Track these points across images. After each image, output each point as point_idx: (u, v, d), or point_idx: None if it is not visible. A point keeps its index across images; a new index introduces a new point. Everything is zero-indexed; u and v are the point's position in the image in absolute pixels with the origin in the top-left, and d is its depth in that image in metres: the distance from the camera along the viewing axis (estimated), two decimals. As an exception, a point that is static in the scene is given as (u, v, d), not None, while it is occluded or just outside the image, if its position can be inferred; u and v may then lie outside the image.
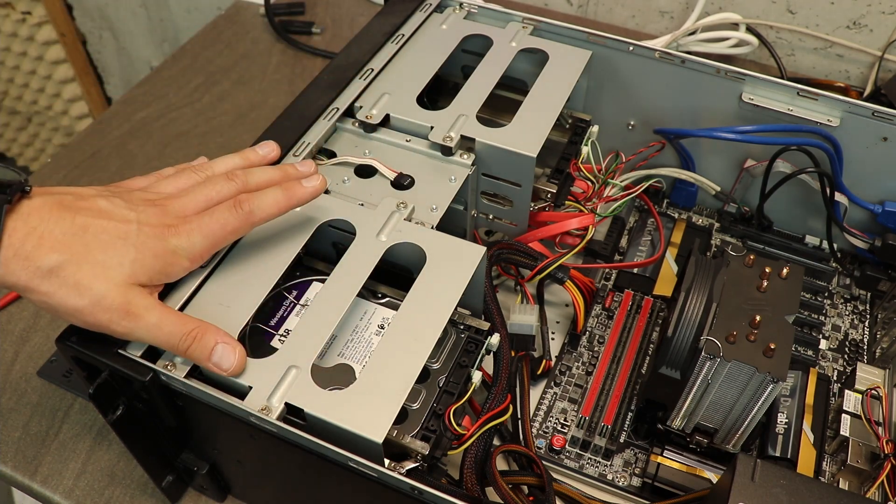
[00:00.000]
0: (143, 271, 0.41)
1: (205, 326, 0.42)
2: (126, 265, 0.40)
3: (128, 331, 0.41)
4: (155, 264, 0.42)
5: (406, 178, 0.53)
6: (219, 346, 0.41)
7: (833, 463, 0.54)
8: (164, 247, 0.42)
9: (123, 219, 0.42)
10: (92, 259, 0.40)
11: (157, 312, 0.41)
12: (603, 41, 0.63)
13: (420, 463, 0.43)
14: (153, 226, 0.42)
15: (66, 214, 0.40)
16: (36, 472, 0.55)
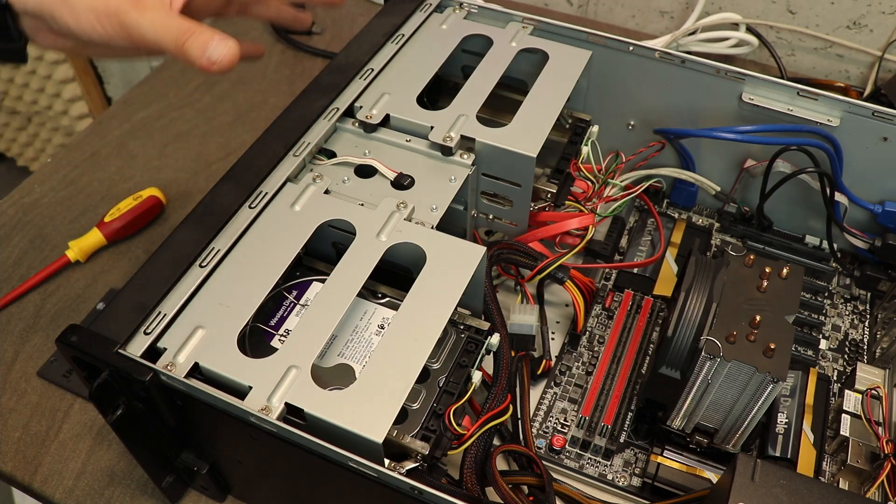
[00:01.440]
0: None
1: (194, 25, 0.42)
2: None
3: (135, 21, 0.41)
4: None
5: (406, 178, 0.53)
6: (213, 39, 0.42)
7: (833, 463, 0.54)
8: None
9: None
10: None
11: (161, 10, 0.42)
12: (603, 41, 0.64)
13: (420, 463, 0.43)
14: None
15: None
16: (36, 472, 0.55)
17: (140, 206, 0.71)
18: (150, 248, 0.70)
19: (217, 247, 0.48)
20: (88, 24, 0.41)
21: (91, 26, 0.41)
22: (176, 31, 0.41)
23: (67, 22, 0.41)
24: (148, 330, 0.44)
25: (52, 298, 0.67)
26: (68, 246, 0.68)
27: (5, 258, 0.69)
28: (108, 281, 0.68)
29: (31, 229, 0.72)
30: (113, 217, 0.70)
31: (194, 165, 0.79)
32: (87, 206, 0.74)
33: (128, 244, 0.71)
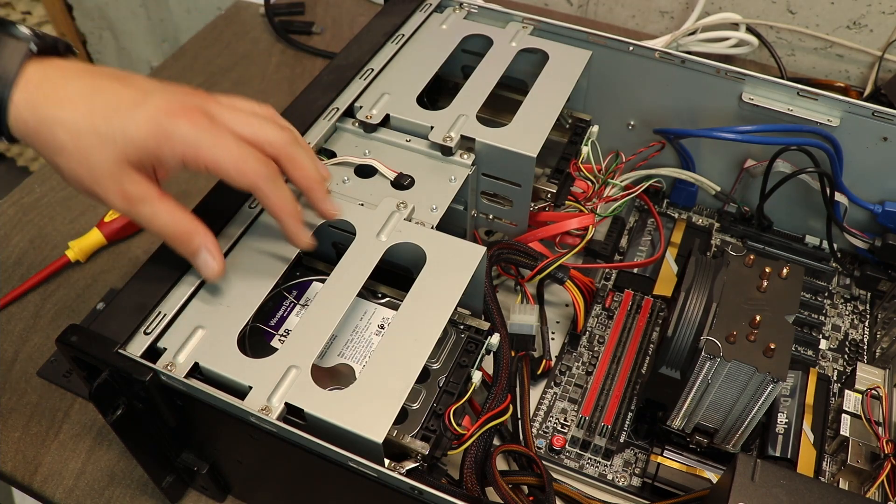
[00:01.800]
0: (135, 149, 0.39)
1: (192, 230, 0.42)
2: (122, 139, 0.39)
3: (124, 211, 0.41)
4: (149, 141, 0.39)
5: (406, 178, 0.53)
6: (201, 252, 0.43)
7: (833, 463, 0.54)
8: (168, 127, 0.39)
9: (144, 92, 0.40)
10: (93, 125, 0.39)
11: (149, 206, 0.41)
12: (603, 41, 0.64)
13: (420, 463, 0.43)
14: (172, 107, 0.40)
15: (91, 77, 0.40)
16: (36, 472, 0.55)
17: (140, 206, 0.71)
18: (150, 248, 0.70)
19: (217, 247, 0.48)
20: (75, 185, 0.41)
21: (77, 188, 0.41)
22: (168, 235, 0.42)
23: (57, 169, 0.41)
24: (148, 330, 0.44)
25: (52, 298, 0.66)
26: (68, 246, 0.68)
27: (5, 258, 0.69)
28: (108, 281, 0.68)
29: (31, 229, 0.72)
30: (113, 217, 0.70)
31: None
32: (87, 206, 0.74)
33: (128, 244, 0.71)
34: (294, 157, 0.44)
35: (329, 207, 0.47)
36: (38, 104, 0.39)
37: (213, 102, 0.42)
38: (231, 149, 0.41)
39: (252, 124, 0.42)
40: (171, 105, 0.40)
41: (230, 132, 0.41)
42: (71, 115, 0.39)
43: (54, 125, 0.39)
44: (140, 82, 0.41)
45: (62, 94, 0.39)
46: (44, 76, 0.39)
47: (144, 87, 0.41)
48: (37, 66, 0.39)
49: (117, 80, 0.41)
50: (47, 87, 0.39)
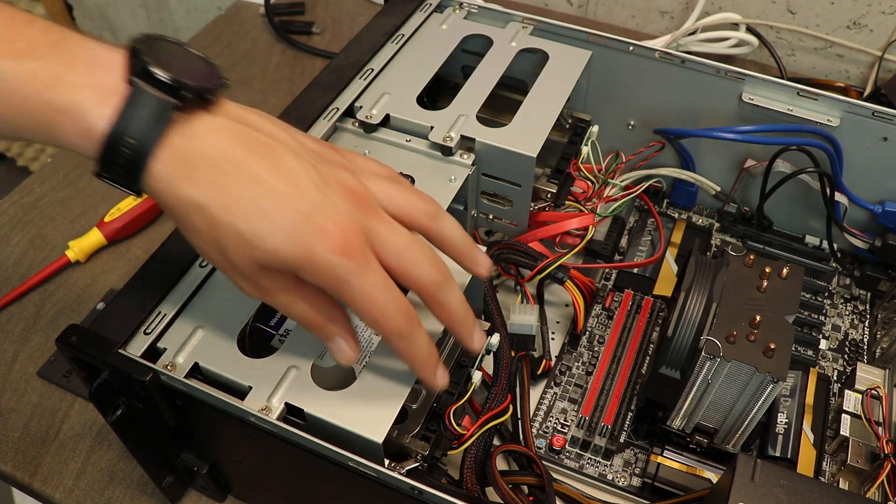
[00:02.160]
0: (279, 263, 0.35)
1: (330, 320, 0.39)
2: (263, 249, 0.34)
3: (256, 298, 0.38)
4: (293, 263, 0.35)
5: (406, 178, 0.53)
6: (338, 338, 0.39)
7: (833, 463, 0.54)
8: (320, 253, 0.34)
9: (301, 191, 0.35)
10: (233, 223, 0.34)
11: (286, 297, 0.37)
12: (603, 41, 0.64)
13: (420, 463, 0.43)
14: (326, 222, 0.35)
15: (242, 151, 0.35)
16: (36, 472, 0.55)
17: (140, 206, 0.71)
18: (150, 248, 0.70)
19: (217, 247, 0.48)
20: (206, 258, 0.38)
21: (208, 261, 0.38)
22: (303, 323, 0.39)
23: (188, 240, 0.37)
24: (148, 330, 0.44)
25: (52, 298, 0.67)
26: (68, 246, 0.68)
27: (5, 258, 0.69)
28: (108, 281, 0.68)
29: (31, 229, 0.72)
30: (113, 217, 0.70)
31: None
32: (87, 206, 0.74)
33: (128, 244, 0.71)
34: (443, 301, 0.39)
35: (475, 346, 0.42)
36: (178, 183, 0.34)
37: (374, 216, 0.37)
38: (375, 297, 0.36)
39: (408, 258, 0.37)
40: (326, 225, 0.34)
41: (380, 270, 0.36)
42: (214, 202, 0.34)
43: (192, 209, 0.34)
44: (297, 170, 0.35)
45: (207, 176, 0.34)
46: (187, 147, 0.34)
47: (302, 184, 0.35)
48: (180, 131, 0.34)
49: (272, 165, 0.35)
50: (191, 164, 0.34)
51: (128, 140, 0.33)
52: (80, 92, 0.33)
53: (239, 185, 0.34)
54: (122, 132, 0.33)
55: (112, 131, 0.33)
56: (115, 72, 0.34)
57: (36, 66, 0.33)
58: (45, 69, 0.33)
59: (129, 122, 0.33)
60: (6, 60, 0.33)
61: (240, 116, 0.37)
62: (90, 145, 0.34)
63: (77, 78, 0.33)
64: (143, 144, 0.33)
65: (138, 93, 0.33)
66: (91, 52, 0.34)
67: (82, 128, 0.33)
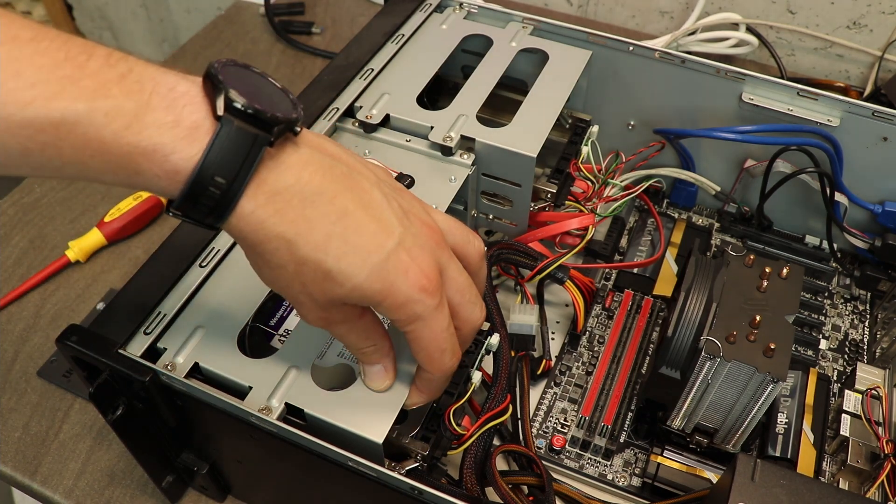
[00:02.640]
0: (361, 298, 0.35)
1: (377, 347, 0.39)
2: (348, 286, 0.34)
3: (315, 325, 0.38)
4: (377, 298, 0.35)
5: (406, 178, 0.53)
6: (378, 366, 0.40)
7: (833, 463, 0.54)
8: (402, 290, 0.34)
9: (388, 227, 0.34)
10: (322, 260, 0.33)
11: (346, 327, 0.38)
12: (603, 41, 0.64)
13: (420, 463, 0.43)
14: (411, 261, 0.35)
15: (330, 185, 0.34)
16: (36, 472, 0.55)
17: (140, 206, 0.71)
18: (150, 248, 0.70)
19: (217, 247, 0.48)
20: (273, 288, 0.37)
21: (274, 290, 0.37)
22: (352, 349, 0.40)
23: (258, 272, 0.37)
24: (148, 330, 0.44)
25: (52, 298, 0.67)
26: (68, 246, 0.68)
27: (5, 258, 0.69)
28: (108, 281, 0.68)
29: (31, 229, 0.72)
30: (113, 217, 0.70)
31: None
32: (87, 206, 0.74)
33: (128, 244, 0.71)
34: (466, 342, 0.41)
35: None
36: (268, 219, 0.32)
37: (446, 251, 0.37)
38: (442, 336, 0.37)
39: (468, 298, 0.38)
40: (410, 263, 0.34)
41: (447, 310, 0.37)
42: (304, 239, 0.33)
43: (281, 245, 0.33)
44: (383, 207, 0.35)
45: (298, 213, 0.33)
46: (278, 182, 0.32)
47: (388, 219, 0.35)
48: (269, 166, 0.32)
49: (360, 203, 0.34)
50: (282, 199, 0.32)
51: (218, 180, 0.31)
52: (162, 132, 0.31)
53: (330, 220, 0.33)
54: (212, 172, 0.31)
55: (200, 172, 0.31)
56: (196, 105, 0.31)
57: (109, 107, 0.30)
58: (119, 109, 0.30)
59: (218, 161, 0.31)
60: (76, 102, 0.29)
61: (321, 147, 0.35)
62: (174, 187, 0.32)
63: (156, 116, 0.31)
64: (234, 184, 0.31)
65: (227, 129, 0.31)
66: (164, 83, 0.31)
67: (166, 170, 0.31)
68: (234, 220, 0.32)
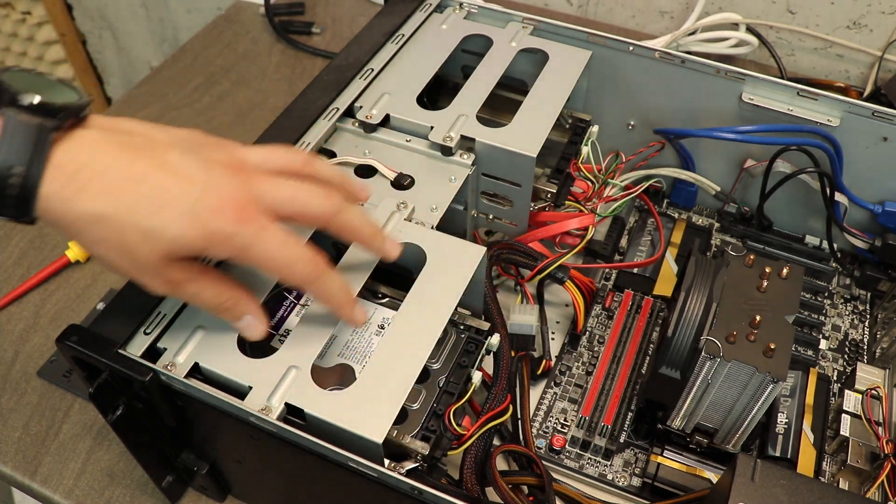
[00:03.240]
0: (183, 248, 0.37)
1: (236, 300, 0.41)
2: (168, 238, 0.36)
3: (166, 293, 0.41)
4: (199, 244, 0.37)
5: (406, 178, 0.53)
6: (247, 317, 0.42)
7: (833, 463, 0.54)
8: (217, 230, 0.37)
9: (188, 178, 0.37)
10: (137, 222, 0.36)
11: (194, 285, 0.39)
12: (603, 41, 0.63)
13: (420, 463, 0.43)
14: (220, 203, 0.37)
15: (125, 156, 0.36)
16: (36, 472, 0.55)
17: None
18: (150, 248, 0.70)
19: (217, 247, 0.48)
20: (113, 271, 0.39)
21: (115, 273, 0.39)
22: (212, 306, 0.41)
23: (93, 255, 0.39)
24: (148, 330, 0.44)
25: (52, 298, 0.67)
26: (68, 246, 0.68)
27: (5, 258, 0.69)
28: (108, 281, 0.68)
29: (31, 229, 0.72)
30: (113, 217, 0.70)
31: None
32: (87, 206, 0.74)
33: (128, 244, 0.71)
34: (345, 224, 0.42)
35: (390, 251, 0.45)
36: (72, 198, 0.35)
37: (256, 179, 0.39)
38: (280, 251, 0.39)
39: (298, 199, 0.40)
40: (219, 202, 0.37)
41: (277, 228, 0.39)
42: (113, 209, 0.35)
43: (93, 220, 0.35)
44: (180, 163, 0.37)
45: (99, 186, 0.35)
46: (73, 162, 0.35)
47: (186, 171, 0.37)
48: (62, 149, 0.35)
49: (157, 163, 0.37)
50: (81, 177, 0.35)
51: (15, 170, 0.33)
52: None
53: (131, 186, 0.36)
54: (7, 163, 0.33)
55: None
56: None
57: None
58: None
59: (10, 152, 0.33)
60: None
61: (113, 125, 0.38)
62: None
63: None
64: (31, 171, 0.34)
65: (11, 121, 0.33)
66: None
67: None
68: (44, 204, 0.34)
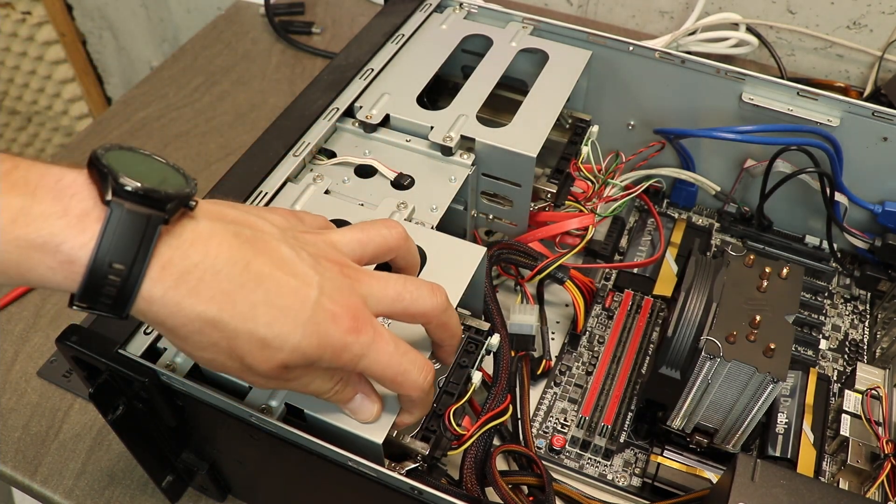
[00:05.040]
0: (304, 358, 0.34)
1: (344, 382, 0.38)
2: (287, 349, 0.33)
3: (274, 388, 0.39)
4: (314, 355, 0.34)
5: (406, 178, 0.53)
6: (357, 397, 0.39)
7: (833, 463, 0.54)
8: (335, 343, 0.34)
9: (305, 281, 0.34)
10: (254, 330, 0.32)
11: (303, 380, 0.36)
12: (603, 41, 0.63)
13: (420, 463, 0.43)
14: (335, 306, 0.34)
15: (240, 254, 0.33)
16: (36, 472, 0.55)
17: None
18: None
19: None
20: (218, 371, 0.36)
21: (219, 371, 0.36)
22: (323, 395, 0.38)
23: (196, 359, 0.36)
24: (148, 330, 0.44)
25: (53, 298, 0.66)
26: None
27: (5, 258, 0.69)
28: (108, 281, 0.68)
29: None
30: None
31: (194, 165, 0.79)
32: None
33: (128, 244, 0.71)
34: (446, 323, 0.40)
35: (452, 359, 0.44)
36: (181, 301, 0.31)
37: (363, 278, 0.37)
38: (392, 363, 0.36)
39: (407, 299, 0.38)
40: (335, 308, 0.34)
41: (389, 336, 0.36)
42: (229, 315, 0.32)
43: (205, 325, 0.32)
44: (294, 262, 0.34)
45: (213, 288, 0.32)
46: (184, 261, 0.31)
47: (302, 271, 0.34)
48: (171, 245, 0.31)
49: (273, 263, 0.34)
50: (192, 278, 0.31)
51: (116, 266, 0.30)
52: (51, 222, 0.29)
53: (250, 288, 0.32)
54: (109, 259, 0.30)
55: (95, 259, 0.30)
56: (84, 193, 0.30)
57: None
58: (5, 205, 0.29)
59: (113, 246, 0.30)
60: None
61: (221, 215, 0.34)
62: (72, 279, 0.30)
63: (43, 207, 0.29)
64: (133, 269, 0.30)
65: (117, 212, 0.30)
66: (49, 175, 0.30)
67: (60, 261, 0.30)
68: (146, 305, 0.31)
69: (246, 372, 0.34)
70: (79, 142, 0.82)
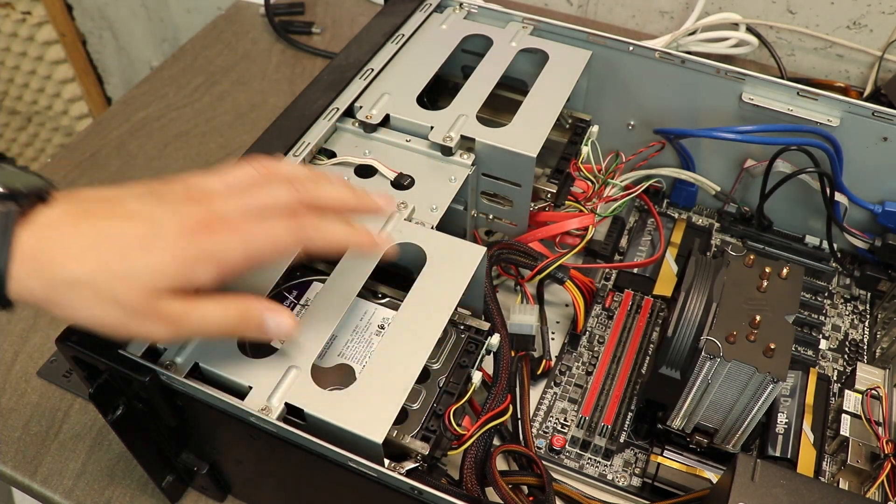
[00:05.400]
0: (166, 278, 0.36)
1: (245, 304, 0.39)
2: (146, 274, 0.36)
3: (173, 336, 0.39)
4: (178, 269, 0.37)
5: (406, 178, 0.53)
6: (266, 317, 0.40)
7: (833, 463, 0.54)
8: (191, 250, 0.37)
9: (149, 220, 0.37)
10: (112, 270, 0.36)
11: (195, 313, 0.38)
12: (603, 41, 0.63)
13: (420, 463, 0.43)
14: (184, 226, 0.37)
15: (87, 222, 0.37)
16: (36, 472, 0.55)
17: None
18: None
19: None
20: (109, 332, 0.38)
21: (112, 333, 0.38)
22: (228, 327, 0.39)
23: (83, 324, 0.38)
24: (148, 330, 0.44)
25: (52, 298, 0.66)
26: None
27: (5, 258, 0.69)
28: (108, 281, 0.68)
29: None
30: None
31: (194, 165, 0.79)
32: (87, 206, 0.74)
33: (128, 244, 0.71)
34: (315, 198, 0.41)
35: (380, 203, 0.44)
36: (44, 271, 0.35)
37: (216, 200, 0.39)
38: (257, 236, 0.38)
39: (256, 196, 0.40)
40: (183, 226, 0.37)
41: (244, 223, 0.38)
42: (86, 271, 0.35)
43: (70, 287, 0.35)
44: (139, 209, 0.38)
45: (68, 255, 0.35)
46: (39, 240, 0.35)
47: (146, 213, 0.38)
48: (28, 232, 0.35)
49: (116, 216, 0.37)
50: (48, 252, 0.35)
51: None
52: None
53: (96, 246, 0.36)
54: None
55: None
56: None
57: None
58: None
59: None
60: None
61: (76, 198, 0.38)
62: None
63: None
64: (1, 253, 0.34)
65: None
66: None
67: None
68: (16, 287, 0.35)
69: (128, 317, 0.37)
70: (79, 142, 0.82)
